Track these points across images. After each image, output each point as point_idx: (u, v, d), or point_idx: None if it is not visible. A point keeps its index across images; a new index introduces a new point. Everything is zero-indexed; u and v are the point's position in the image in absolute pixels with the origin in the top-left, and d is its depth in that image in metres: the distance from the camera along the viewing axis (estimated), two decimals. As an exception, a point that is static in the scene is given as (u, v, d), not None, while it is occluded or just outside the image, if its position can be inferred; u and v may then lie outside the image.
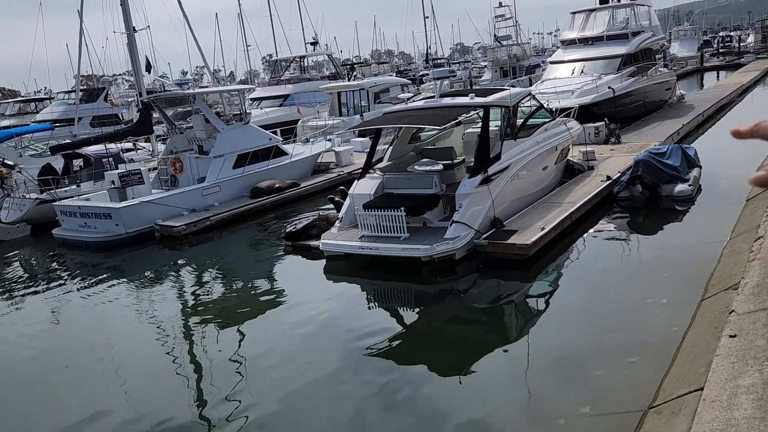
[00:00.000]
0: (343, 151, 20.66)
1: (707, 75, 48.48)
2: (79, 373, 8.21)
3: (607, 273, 9.57)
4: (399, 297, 10.05)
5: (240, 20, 68.59)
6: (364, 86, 27.87)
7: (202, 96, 18.16)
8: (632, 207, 12.78)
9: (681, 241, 10.55)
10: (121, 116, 36.81)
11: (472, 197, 10.74)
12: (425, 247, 10.22)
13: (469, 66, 66.79)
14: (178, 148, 17.64)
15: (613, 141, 18.45)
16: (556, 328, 7.85)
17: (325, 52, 45.99)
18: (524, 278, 9.76)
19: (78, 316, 10.61)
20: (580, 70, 23.35)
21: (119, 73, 50.51)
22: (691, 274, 8.62)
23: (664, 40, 30.34)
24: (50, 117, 33.21)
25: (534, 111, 13.73)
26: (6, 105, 44.04)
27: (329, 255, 11.37)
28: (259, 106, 32.75)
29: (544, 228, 10.64)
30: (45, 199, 16.49)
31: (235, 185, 16.92)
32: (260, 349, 8.21)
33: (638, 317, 7.71)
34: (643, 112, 23.32)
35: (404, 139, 13.39)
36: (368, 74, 51.86)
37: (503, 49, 42.58)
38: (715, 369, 5.26)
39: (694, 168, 13.54)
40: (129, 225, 14.65)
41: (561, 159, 14.20)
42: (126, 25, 19.65)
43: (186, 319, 9.81)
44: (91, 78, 46.53)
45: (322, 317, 9.08)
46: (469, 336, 8.12)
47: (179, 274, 12.34)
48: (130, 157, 21.34)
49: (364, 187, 11.93)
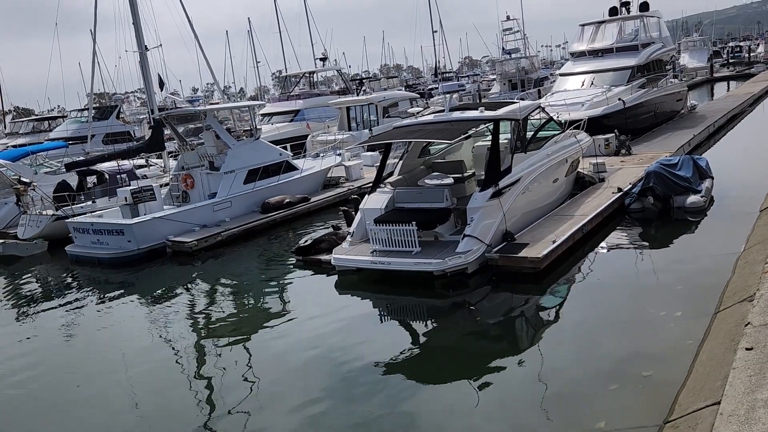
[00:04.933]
0: (352, 165, 20.74)
1: (717, 85, 48.31)
2: (90, 391, 8.23)
3: (619, 286, 9.50)
4: (411, 311, 10.02)
5: (250, 37, 69.23)
6: (373, 101, 28.03)
7: (212, 112, 18.35)
8: (644, 219, 12.70)
9: (694, 253, 10.46)
10: (133, 133, 37.25)
11: (484, 211, 10.73)
12: (437, 261, 10.20)
13: (477, 79, 67.07)
14: (189, 164, 17.80)
15: (624, 152, 18.40)
16: (569, 342, 7.79)
17: (335, 68, 46.42)
18: (536, 291, 9.72)
19: (90, 332, 10.66)
20: (590, 82, 23.35)
21: (131, 91, 51.21)
22: (705, 286, 8.54)
23: (673, 51, 30.31)
24: (63, 135, 33.65)
25: (543, 123, 13.74)
26: (21, 123, 44.71)
27: (341, 270, 11.38)
28: (270, 121, 33.05)
29: (556, 241, 10.61)
30: (61, 216, 16.67)
31: (246, 200, 17.02)
32: (273, 365, 8.21)
33: (652, 330, 7.64)
34: (654, 123, 23.25)
35: (414, 153, 13.43)
36: (377, 89, 52.07)
37: (512, 62, 42.74)
38: (732, 382, 5.20)
39: (706, 179, 13.46)
40: (141, 241, 14.76)
41: (571, 171, 14.18)
42: (138, 44, 19.95)
43: (198, 335, 9.84)
44: (103, 96, 47.17)
45: (334, 332, 9.07)
46: (482, 350, 8.07)
47: (191, 290, 12.39)
48: (143, 173, 21.55)
49: (375, 202, 11.95)
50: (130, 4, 19.82)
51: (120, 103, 40.72)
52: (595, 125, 18.41)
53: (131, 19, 19.98)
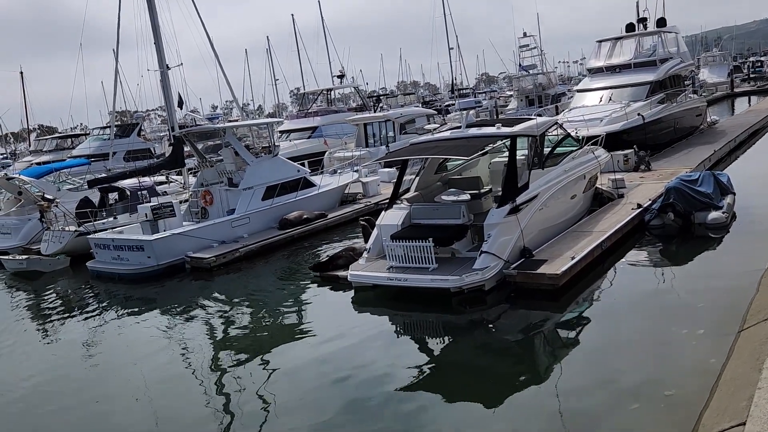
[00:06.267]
0: (370, 181, 20.81)
1: (738, 100, 47.80)
2: (107, 406, 8.28)
3: (640, 303, 9.36)
4: (427, 328, 9.97)
5: (268, 55, 70.31)
6: (390, 117, 28.16)
7: (231, 130, 18.55)
8: (664, 235, 12.54)
9: (716, 270, 10.29)
10: (154, 150, 37.82)
11: (501, 227, 10.69)
12: (454, 278, 10.16)
13: (494, 96, 67.14)
14: (208, 180, 18.00)
15: (643, 168, 18.23)
16: (588, 360, 7.68)
17: (352, 85, 46.82)
18: (555, 308, 9.61)
19: (108, 348, 10.74)
20: (608, 98, 23.25)
21: (152, 109, 52.04)
22: (728, 304, 8.39)
23: (692, 67, 30.12)
24: (86, 152, 34.32)
25: (561, 140, 13.69)
26: (45, 141, 45.68)
27: (357, 286, 11.38)
28: (288, 138, 33.33)
29: (574, 257, 10.51)
30: (83, 232, 16.92)
31: (264, 217, 17.14)
32: (288, 380, 8.21)
33: (674, 348, 7.51)
34: (673, 139, 23.04)
35: (431, 169, 13.45)
36: (394, 105, 52.47)
37: (529, 78, 42.73)
38: (758, 403, 5.08)
39: (727, 195, 13.27)
40: (160, 257, 14.91)
41: (589, 187, 14.08)
42: (159, 63, 20.32)
43: (214, 351, 9.88)
44: (125, 113, 48.02)
45: (349, 348, 9.04)
46: (499, 368, 7.99)
47: (208, 306, 12.47)
48: (163, 189, 21.83)
49: (391, 218, 11.97)
50: (151, 24, 20.25)
51: (141, 120, 41.32)
52: (614, 141, 18.28)
53: (153, 38, 20.40)
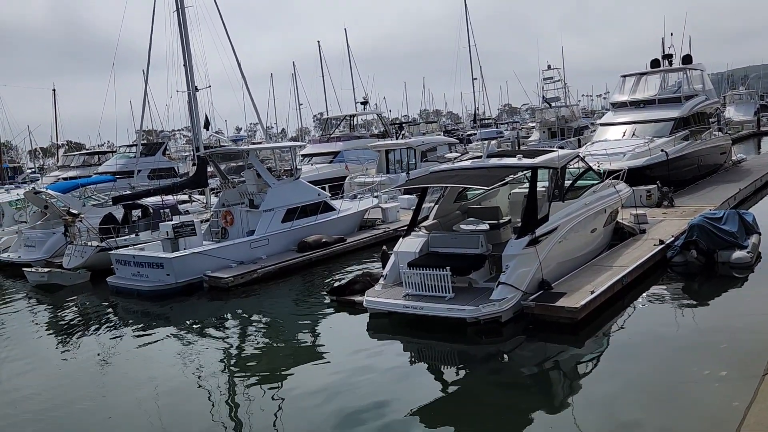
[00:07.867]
0: (389, 207, 20.86)
1: (765, 139, 47.25)
2: (119, 422, 8.30)
3: (660, 341, 9.16)
4: (442, 357, 9.86)
5: (294, 80, 71.47)
6: (412, 145, 28.35)
7: (255, 152, 18.80)
8: (687, 273, 12.34)
9: (740, 310, 10.06)
10: (177, 169, 38.43)
11: (520, 258, 10.61)
12: (471, 308, 10.07)
13: (516, 126, 67.21)
14: (229, 201, 18.19)
15: (666, 204, 18.03)
16: (606, 398, 7.51)
17: (375, 111, 47.21)
18: (573, 343, 9.46)
19: (123, 364, 10.79)
20: (632, 133, 23.14)
21: (178, 129, 52.99)
22: (753, 346, 8.19)
23: (718, 104, 29.88)
24: (112, 169, 34.98)
25: (582, 173, 13.63)
26: (72, 157, 46.75)
27: (373, 312, 11.33)
28: (310, 162, 33.68)
29: (594, 291, 10.37)
30: (105, 247, 17.15)
31: (283, 239, 17.23)
32: (301, 405, 8.15)
33: (695, 390, 7.33)
34: (697, 176, 22.81)
35: (450, 197, 13.45)
36: (416, 133, 52.84)
37: (551, 111, 42.75)
38: (781, 451, 4.91)
39: (752, 234, 13.05)
40: (179, 275, 15.03)
41: (610, 221, 13.95)
42: (188, 84, 20.79)
43: (228, 372, 9.86)
44: (151, 133, 48.96)
45: (362, 374, 8.96)
46: (514, 402, 7.85)
47: (224, 326, 12.49)
48: (185, 208, 22.10)
49: (409, 245, 11.95)
50: (182, 47, 20.77)
51: (166, 140, 42.13)
52: (637, 176, 18.14)
53: (183, 60, 20.90)
